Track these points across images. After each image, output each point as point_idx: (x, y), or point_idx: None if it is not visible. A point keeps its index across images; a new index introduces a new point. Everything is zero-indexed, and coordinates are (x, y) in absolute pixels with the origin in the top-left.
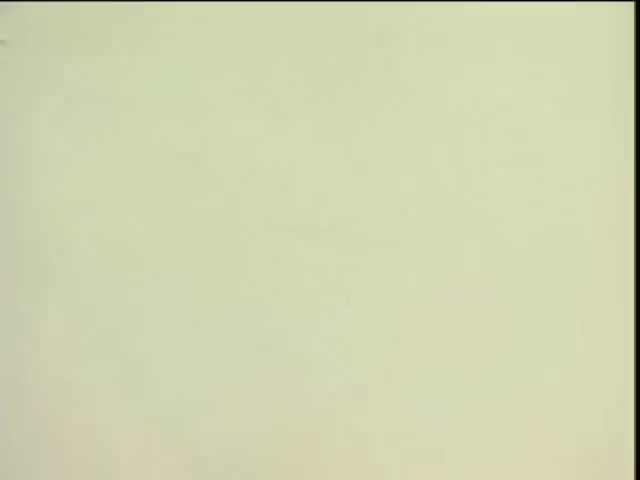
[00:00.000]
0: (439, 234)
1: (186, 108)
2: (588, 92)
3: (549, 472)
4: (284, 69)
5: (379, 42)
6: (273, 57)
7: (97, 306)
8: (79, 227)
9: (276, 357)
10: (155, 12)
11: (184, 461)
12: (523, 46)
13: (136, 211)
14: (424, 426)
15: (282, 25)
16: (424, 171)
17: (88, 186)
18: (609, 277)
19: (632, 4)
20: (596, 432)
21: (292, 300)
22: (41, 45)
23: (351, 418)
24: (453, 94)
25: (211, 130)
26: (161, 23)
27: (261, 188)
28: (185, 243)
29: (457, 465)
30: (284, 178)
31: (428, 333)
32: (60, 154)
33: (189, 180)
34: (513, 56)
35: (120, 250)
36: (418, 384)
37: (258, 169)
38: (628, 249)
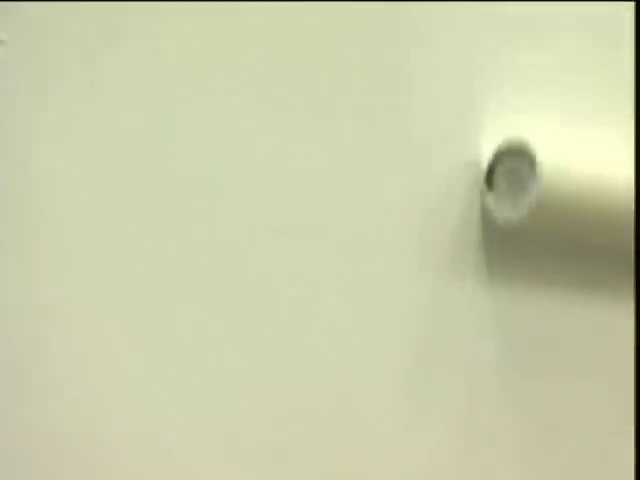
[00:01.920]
0: (442, 235)
1: (187, 108)
2: (588, 92)
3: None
4: (286, 69)
5: (385, 44)
6: (275, 57)
7: (99, 305)
8: (79, 226)
9: (277, 358)
10: (157, 12)
11: (187, 458)
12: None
13: (136, 210)
14: (428, 424)
15: (286, 28)
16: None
17: (88, 186)
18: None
19: (632, 4)
20: (596, 432)
21: (293, 299)
22: (41, 45)
23: (352, 417)
24: None
25: (213, 129)
26: (163, 23)
27: (261, 188)
28: (185, 242)
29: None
30: (286, 178)
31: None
32: (60, 154)
33: (189, 180)
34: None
35: (120, 250)
36: (424, 383)
37: (259, 169)
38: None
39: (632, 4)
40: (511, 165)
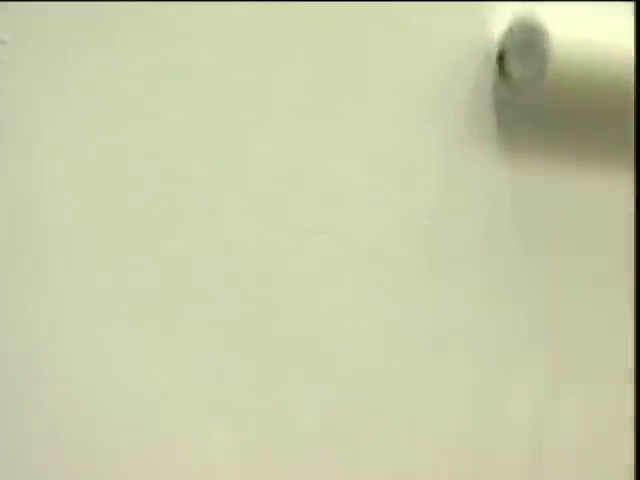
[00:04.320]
0: (446, 235)
1: (188, 108)
2: None
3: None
4: (288, 70)
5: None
6: (278, 56)
7: (99, 303)
8: (80, 227)
9: (282, 355)
10: (157, 11)
11: (186, 462)
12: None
13: (137, 210)
14: (426, 422)
15: (289, 28)
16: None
17: (89, 185)
18: (610, 278)
19: (632, 4)
20: (595, 431)
21: (297, 300)
22: (41, 45)
23: (355, 414)
24: None
25: (213, 129)
26: (163, 23)
27: (265, 188)
28: (188, 242)
29: (461, 463)
30: (289, 179)
31: (432, 333)
32: (60, 154)
33: (189, 180)
34: None
35: (122, 250)
36: (423, 382)
37: (262, 170)
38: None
39: (632, 4)
40: (522, 39)
